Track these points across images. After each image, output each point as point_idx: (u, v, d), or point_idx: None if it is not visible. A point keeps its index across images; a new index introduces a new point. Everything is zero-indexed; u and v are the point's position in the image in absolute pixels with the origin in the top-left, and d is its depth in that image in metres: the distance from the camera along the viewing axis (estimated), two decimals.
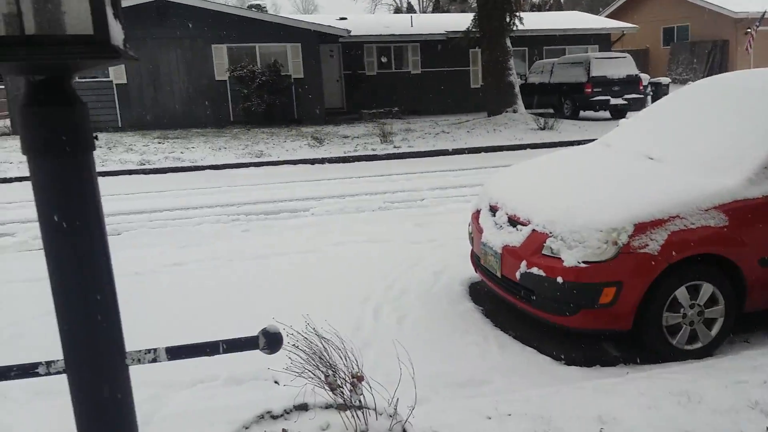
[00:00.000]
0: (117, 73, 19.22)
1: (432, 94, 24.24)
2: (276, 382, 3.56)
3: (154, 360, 1.35)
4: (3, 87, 19.85)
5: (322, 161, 13.04)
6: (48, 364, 1.27)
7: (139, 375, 1.41)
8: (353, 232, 6.76)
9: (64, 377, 1.32)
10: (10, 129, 19.40)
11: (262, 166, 12.60)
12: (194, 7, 18.88)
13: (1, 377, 1.24)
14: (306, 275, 5.36)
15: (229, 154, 13.71)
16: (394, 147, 14.21)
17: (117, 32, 1.15)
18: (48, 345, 3.96)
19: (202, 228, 7.32)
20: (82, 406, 1.29)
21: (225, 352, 1.37)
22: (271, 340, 1.43)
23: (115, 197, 9.60)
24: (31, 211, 8.68)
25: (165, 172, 12.13)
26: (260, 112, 19.34)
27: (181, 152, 13.93)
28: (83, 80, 19.04)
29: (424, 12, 49.29)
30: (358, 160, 13.19)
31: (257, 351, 1.47)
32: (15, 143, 16.16)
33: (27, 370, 1.27)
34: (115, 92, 19.35)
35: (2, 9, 1.06)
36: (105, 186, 10.77)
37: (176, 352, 1.36)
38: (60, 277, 1.18)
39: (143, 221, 7.89)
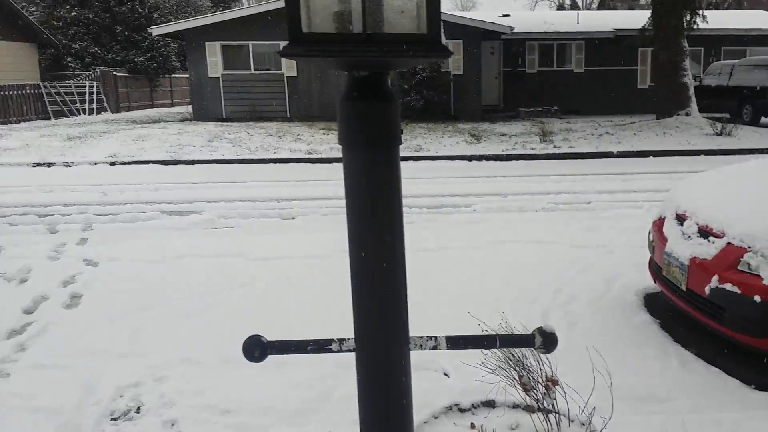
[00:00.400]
0: (288, 66, 20.36)
1: (594, 94, 23.29)
2: (446, 375, 3.64)
3: (435, 347, 1.40)
4: (188, 76, 21.68)
5: (479, 158, 13.00)
6: (340, 342, 1.36)
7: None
8: (517, 232, 6.69)
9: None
10: (191, 114, 21.21)
11: (421, 160, 12.81)
12: None
13: (299, 350, 1.36)
14: (471, 272, 5.38)
15: None
16: (554, 147, 13.85)
17: (442, 31, 1.19)
18: (233, 316, 4.34)
19: None
20: (367, 386, 1.37)
21: (501, 346, 1.40)
22: (547, 340, 1.44)
23: (287, 183, 10.20)
24: (214, 191, 9.46)
25: (330, 162, 12.69)
26: (418, 108, 19.66)
27: None
28: (258, 72, 20.39)
29: (588, 8, 47.41)
30: (517, 159, 13.00)
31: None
32: (196, 128, 17.61)
33: (321, 346, 1.37)
34: (286, 84, 20.51)
35: (343, 7, 1.13)
36: (278, 172, 11.49)
37: (455, 342, 1.40)
38: (361, 262, 1.24)
39: (315, 208, 8.34)
